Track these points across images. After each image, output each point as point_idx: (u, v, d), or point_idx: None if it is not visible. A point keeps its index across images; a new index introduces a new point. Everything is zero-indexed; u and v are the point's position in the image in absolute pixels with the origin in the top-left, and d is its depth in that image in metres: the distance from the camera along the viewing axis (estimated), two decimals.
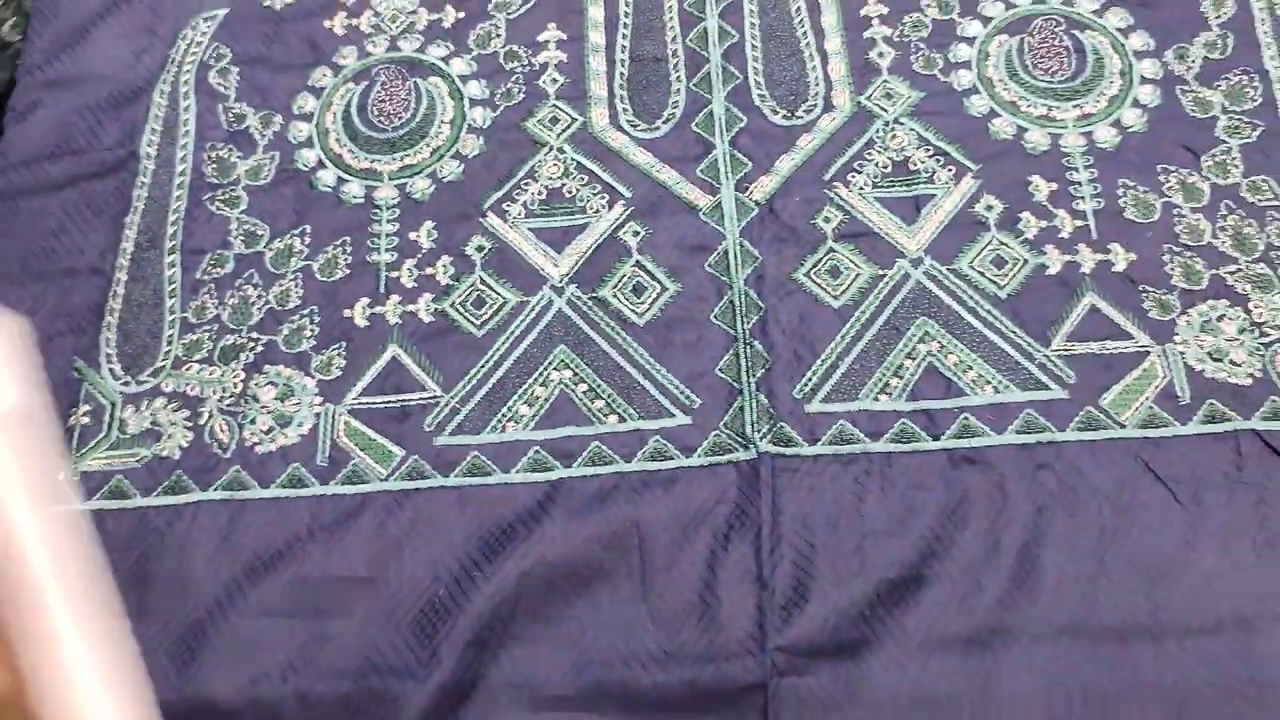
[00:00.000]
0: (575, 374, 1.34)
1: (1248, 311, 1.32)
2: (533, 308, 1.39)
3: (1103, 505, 1.22)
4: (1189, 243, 1.38)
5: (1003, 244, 1.39)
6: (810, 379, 1.32)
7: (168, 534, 1.29)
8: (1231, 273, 1.35)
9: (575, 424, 1.32)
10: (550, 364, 1.35)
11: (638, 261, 1.42)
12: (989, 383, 1.30)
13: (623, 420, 1.31)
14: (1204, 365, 1.30)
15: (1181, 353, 1.31)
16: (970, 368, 1.31)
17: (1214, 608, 1.16)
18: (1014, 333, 1.33)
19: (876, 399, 1.30)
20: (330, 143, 1.55)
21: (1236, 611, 1.16)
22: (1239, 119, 1.45)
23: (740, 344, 1.34)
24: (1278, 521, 1.20)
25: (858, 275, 1.39)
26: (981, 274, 1.37)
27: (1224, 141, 1.43)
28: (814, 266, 1.39)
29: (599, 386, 1.33)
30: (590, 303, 1.39)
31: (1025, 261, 1.38)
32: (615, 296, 1.40)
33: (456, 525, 1.27)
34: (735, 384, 1.32)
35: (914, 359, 1.32)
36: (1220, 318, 1.32)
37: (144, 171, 1.53)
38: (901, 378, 1.31)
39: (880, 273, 1.38)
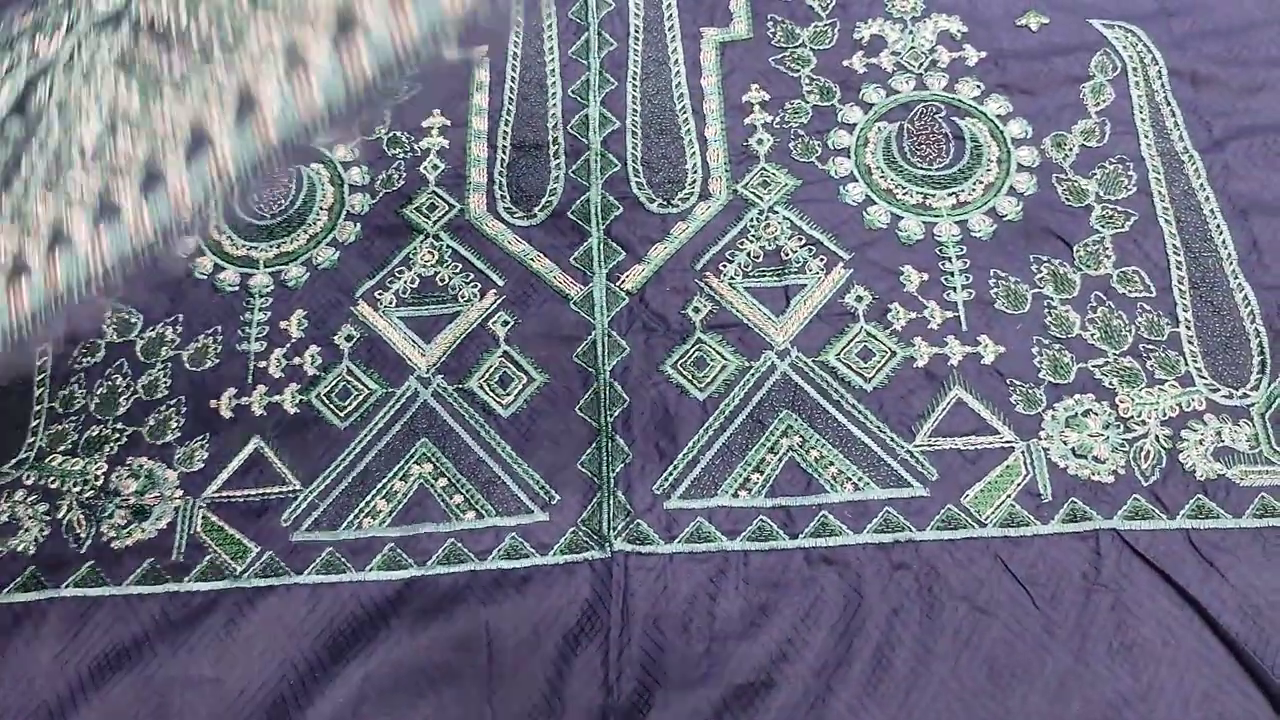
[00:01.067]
0: (436, 468, 1.33)
1: (1114, 406, 1.31)
2: (397, 399, 1.38)
3: (959, 606, 1.20)
4: (1058, 335, 1.37)
5: (871, 335, 1.38)
6: (670, 474, 1.31)
7: (15, 631, 1.27)
8: (1099, 366, 1.34)
9: (433, 520, 1.30)
10: (412, 457, 1.34)
11: (506, 352, 1.40)
12: (849, 479, 1.28)
13: (480, 517, 1.30)
14: (1068, 462, 1.28)
15: (1045, 449, 1.29)
16: (831, 463, 1.29)
17: (1066, 713, 1.13)
18: (878, 427, 1.31)
19: (736, 495, 1.29)
20: (210, 229, 1.54)
21: (1090, 717, 1.13)
22: (1113, 208, 1.44)
23: (603, 437, 1.33)
24: (1134, 624, 1.17)
25: (724, 367, 1.37)
26: (848, 366, 1.36)
27: (1097, 231, 1.42)
28: (681, 358, 1.38)
29: (459, 481, 1.32)
30: (456, 394, 1.38)
31: (893, 353, 1.37)
32: (482, 388, 1.38)
33: (307, 623, 1.25)
34: (595, 479, 1.31)
35: (776, 453, 1.31)
36: (1086, 413, 1.31)
37: None
38: (762, 473, 1.29)
39: (747, 364, 1.37)
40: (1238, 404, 1.29)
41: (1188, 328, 1.34)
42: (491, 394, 1.37)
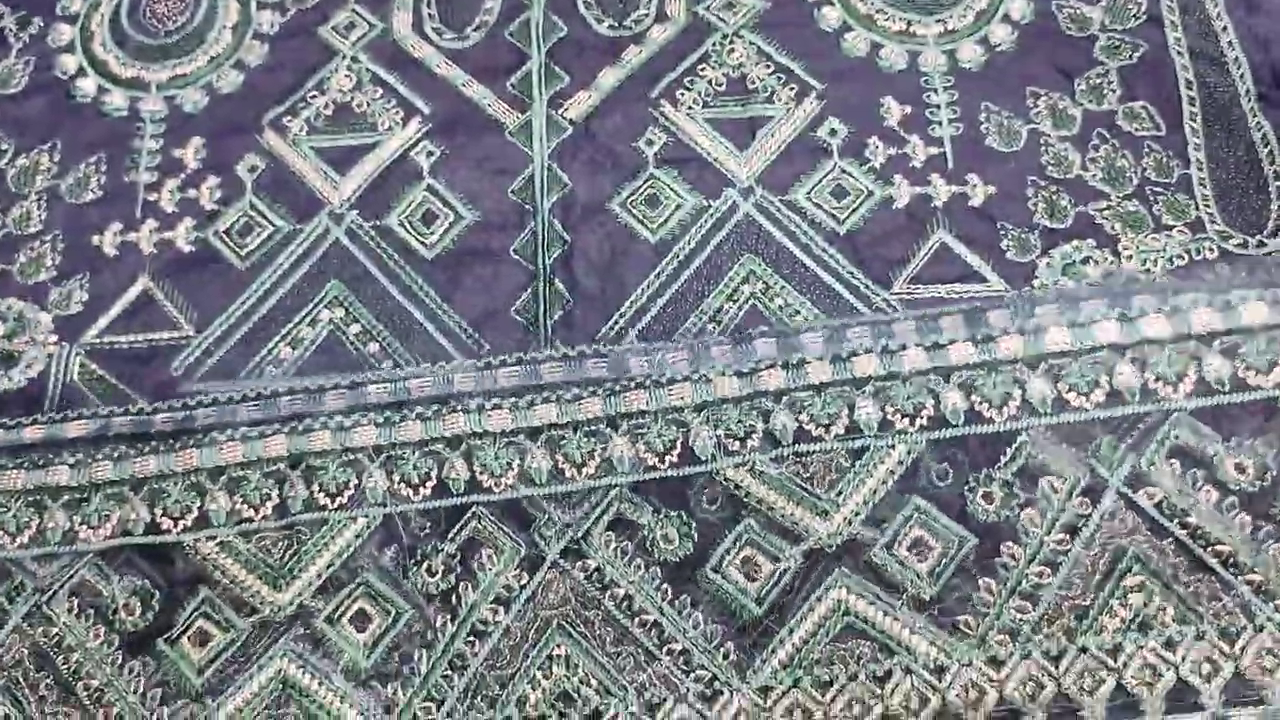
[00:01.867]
0: (349, 313, 1.18)
1: (1116, 254, 1.16)
2: (306, 237, 1.22)
3: None
4: (1055, 175, 1.21)
5: (846, 173, 1.23)
6: (616, 322, 1.16)
7: None
8: (1100, 209, 1.18)
9: (343, 370, 1.14)
10: (321, 301, 1.19)
11: (430, 186, 1.24)
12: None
13: (398, 366, 1.14)
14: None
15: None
16: (798, 312, 1.14)
17: None
18: (851, 273, 1.16)
19: None
20: (94, 48, 1.34)
21: None
22: (1119, 38, 1.28)
23: (540, 281, 1.18)
24: None
25: (679, 206, 1.22)
26: (819, 207, 1.21)
27: (1101, 63, 1.27)
28: (631, 195, 1.22)
29: (374, 328, 1.17)
30: (373, 232, 1.22)
31: (870, 193, 1.21)
32: (402, 225, 1.23)
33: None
34: (531, 327, 1.16)
35: (735, 301, 1.16)
36: (1085, 260, 1.16)
37: None
38: (720, 323, 1.15)
39: (705, 203, 1.22)
40: (1253, 253, 1.14)
41: (1199, 169, 1.19)
42: (413, 232, 1.22)
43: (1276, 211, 1.18)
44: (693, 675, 0.98)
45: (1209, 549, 0.99)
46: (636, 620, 1.01)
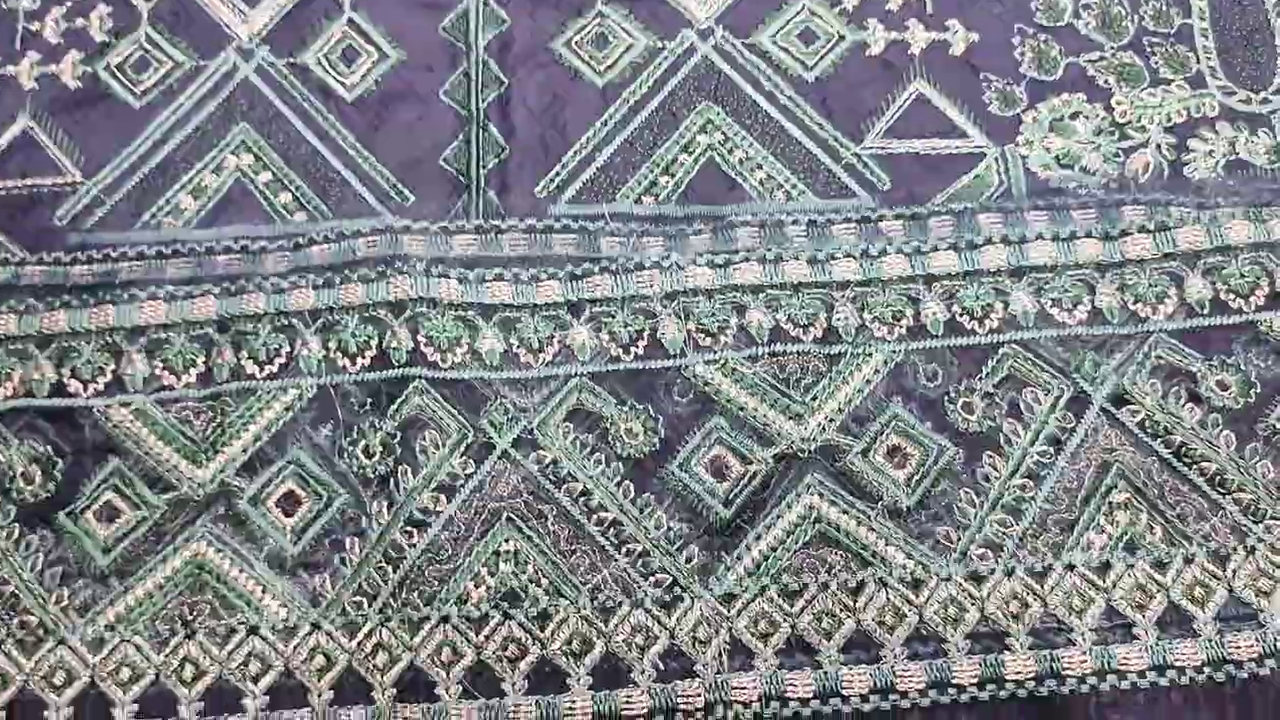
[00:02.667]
0: (259, 159, 1.07)
1: (1109, 109, 1.08)
2: (211, 74, 1.10)
3: None
4: (1045, 22, 1.13)
5: (815, 14, 1.13)
6: (559, 173, 1.05)
7: None
8: (1093, 60, 1.10)
9: (251, 221, 1.03)
10: (227, 146, 1.07)
11: (351, 20, 1.12)
12: (781, 186, 1.05)
13: (314, 219, 1.03)
14: (1050, 172, 1.06)
15: (1024, 156, 1.07)
16: (759, 166, 1.06)
17: None
18: (819, 125, 1.08)
19: (639, 201, 1.04)
20: None
21: None
22: None
23: (473, 126, 1.07)
24: None
25: (630, 47, 1.12)
26: (785, 51, 1.11)
27: None
28: (577, 34, 1.12)
29: (287, 176, 1.06)
30: (287, 70, 1.10)
31: (841, 37, 1.12)
32: (320, 64, 1.11)
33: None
34: (462, 177, 1.05)
35: (691, 153, 1.07)
36: (1075, 115, 1.08)
37: None
38: (673, 175, 1.06)
39: (659, 44, 1.11)
40: (1256, 110, 1.09)
41: (1201, 18, 1.13)
42: (332, 72, 1.11)
43: None
44: (651, 579, 0.90)
45: (1194, 466, 0.93)
46: (594, 518, 0.92)
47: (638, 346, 0.97)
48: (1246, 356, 0.96)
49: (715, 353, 0.97)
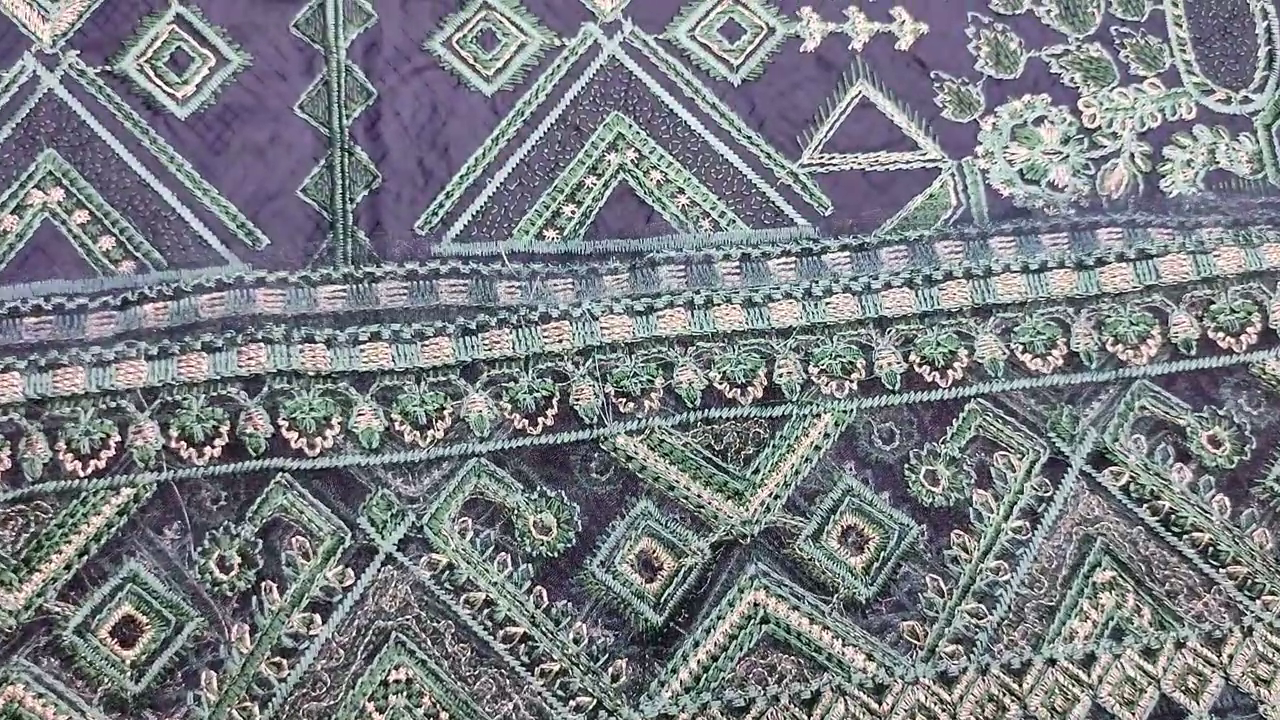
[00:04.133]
0: (71, 195, 0.93)
1: (1076, 113, 1.03)
2: (5, 87, 0.94)
3: None
4: (1001, 9, 1.05)
5: (739, 3, 1.04)
6: (443, 204, 0.96)
7: None
8: (1057, 55, 1.04)
9: (67, 275, 0.90)
10: (31, 179, 0.92)
11: (180, 16, 0.98)
12: (706, 213, 0.97)
13: (144, 269, 0.91)
14: (1013, 189, 0.99)
15: (984, 170, 1.00)
16: (680, 191, 0.98)
17: None
18: (749, 139, 1.00)
19: (541, 236, 0.95)
20: None
21: None
22: None
23: (337, 150, 0.97)
24: None
25: (523, 46, 1.02)
26: (706, 48, 1.02)
27: None
28: (458, 31, 1.01)
29: (108, 216, 0.92)
30: (102, 81, 0.96)
31: (770, 30, 1.04)
32: (143, 71, 0.97)
33: None
34: (324, 213, 0.95)
35: (600, 175, 0.98)
36: (1039, 120, 1.02)
37: None
38: (580, 204, 0.97)
39: (557, 42, 1.02)
40: (1237, 110, 1.04)
41: (1174, 4, 1.06)
42: (159, 82, 0.98)
43: (1264, 59, 1.04)
44: (572, 703, 0.82)
45: (1184, 537, 0.89)
46: (500, 633, 0.83)
47: (546, 417, 0.88)
48: (1238, 403, 0.91)
49: (639, 421, 0.87)
